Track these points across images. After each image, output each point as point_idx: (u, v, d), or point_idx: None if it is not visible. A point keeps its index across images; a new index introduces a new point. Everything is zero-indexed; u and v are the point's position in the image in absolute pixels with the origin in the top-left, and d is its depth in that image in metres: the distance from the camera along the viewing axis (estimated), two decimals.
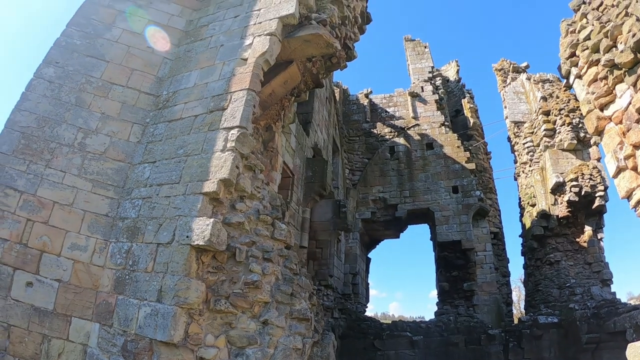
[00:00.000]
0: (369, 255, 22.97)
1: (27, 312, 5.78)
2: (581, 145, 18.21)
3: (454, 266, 18.01)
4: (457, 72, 27.16)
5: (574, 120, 18.39)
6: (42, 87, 7.34)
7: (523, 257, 20.21)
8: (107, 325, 5.59)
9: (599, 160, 17.70)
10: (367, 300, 20.57)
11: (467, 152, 20.40)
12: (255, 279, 5.53)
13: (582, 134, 17.99)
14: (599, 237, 17.53)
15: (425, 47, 25.40)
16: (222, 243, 5.54)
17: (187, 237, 5.49)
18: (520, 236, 20.49)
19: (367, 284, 21.56)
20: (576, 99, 15.83)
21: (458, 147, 20.41)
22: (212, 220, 5.50)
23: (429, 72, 24.04)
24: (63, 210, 6.35)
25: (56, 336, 5.71)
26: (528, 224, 19.33)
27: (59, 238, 6.17)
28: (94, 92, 7.45)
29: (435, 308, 17.84)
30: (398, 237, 22.15)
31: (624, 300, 15.82)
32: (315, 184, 12.57)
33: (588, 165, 17.35)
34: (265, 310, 5.56)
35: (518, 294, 34.67)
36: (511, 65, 23.64)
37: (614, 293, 16.03)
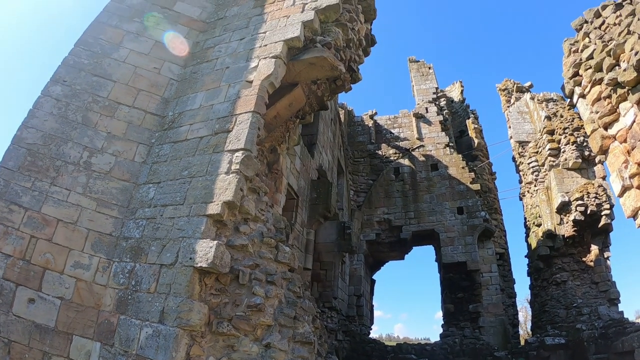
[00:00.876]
0: (374, 277, 22.82)
1: (28, 328, 5.75)
2: (586, 164, 18.18)
3: (459, 288, 17.86)
4: (462, 92, 27.29)
5: (578, 139, 18.38)
6: (49, 104, 7.39)
7: (529, 278, 20.06)
8: (109, 345, 5.55)
9: (604, 178, 17.61)
10: (372, 322, 20.39)
11: (472, 173, 20.38)
12: (258, 302, 5.50)
13: (586, 153, 17.96)
14: (605, 256, 17.39)
15: (429, 68, 25.50)
16: (225, 265, 5.53)
17: (191, 258, 5.48)
18: (526, 256, 20.35)
19: (372, 305, 21.38)
20: (580, 118, 15.85)
21: (463, 167, 20.40)
22: (215, 242, 5.49)
23: (434, 93, 24.12)
24: (67, 228, 6.35)
25: (57, 354, 5.67)
26: (534, 244, 19.23)
27: (62, 256, 6.16)
28: (101, 112, 7.50)
29: (441, 329, 17.67)
30: (403, 258, 22.01)
31: (632, 318, 15.66)
32: (319, 206, 12.58)
33: (593, 184, 17.29)
34: (268, 334, 5.51)
35: (524, 314, 34.37)
36: (515, 85, 23.72)
37: (622, 312, 15.85)
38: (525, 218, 20.93)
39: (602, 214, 16.71)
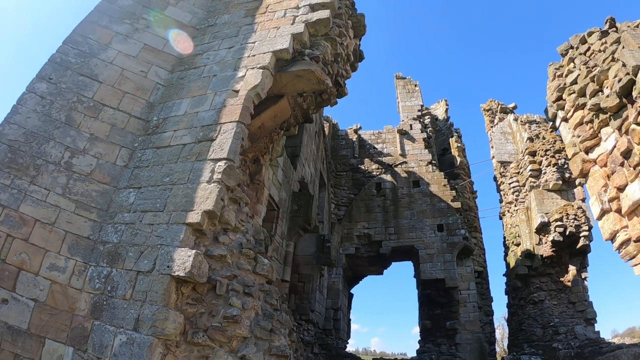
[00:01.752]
0: (352, 291, 22.85)
1: (0, 329, 5.65)
2: (566, 186, 18.54)
3: (437, 304, 17.95)
4: (446, 111, 27.69)
5: (559, 161, 18.75)
6: (33, 101, 7.30)
7: (507, 296, 20.29)
8: (81, 350, 5.47)
9: (583, 200, 17.99)
10: (349, 336, 20.37)
11: (453, 191, 20.59)
12: (234, 313, 5.46)
13: (567, 175, 18.33)
14: (582, 277, 17.73)
15: (415, 86, 25.79)
16: (203, 275, 5.48)
17: (168, 267, 5.42)
18: (504, 275, 20.59)
19: (349, 319, 21.38)
20: (562, 140, 16.14)
21: (444, 185, 20.60)
22: (194, 251, 5.44)
23: (419, 110, 24.41)
24: (44, 228, 6.25)
25: (28, 357, 5.57)
26: (512, 263, 19.45)
27: (38, 257, 6.06)
28: (85, 112, 7.41)
29: (418, 345, 17.73)
30: (382, 273, 22.10)
31: (608, 338, 15.85)
32: (300, 218, 12.55)
33: (573, 206, 17.60)
34: (244, 346, 5.46)
35: (502, 332, 34.57)
36: (499, 106, 24.18)
37: (598, 332, 16.10)
38: (504, 237, 21.19)
39: (581, 235, 17.01)
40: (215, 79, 7.77)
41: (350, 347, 22.92)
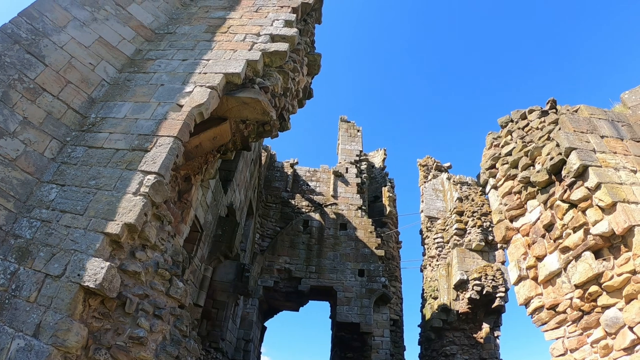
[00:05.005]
0: (266, 324, 22.55)
1: None
2: (488, 247, 19.35)
3: (350, 348, 18.07)
4: (384, 160, 28.40)
5: (484, 224, 19.58)
6: None
7: (420, 347, 20.66)
8: None
9: (503, 263, 18.83)
10: None
11: (379, 239, 20.97)
12: (141, 334, 5.29)
13: (490, 238, 19.15)
14: (495, 335, 18.43)
15: (358, 131, 26.40)
16: (113, 290, 5.27)
17: (79, 275, 5.18)
18: (419, 326, 21.04)
19: (259, 352, 21.11)
20: (489, 205, 16.77)
21: (371, 232, 20.96)
22: (108, 263, 5.24)
23: (357, 155, 24.94)
24: None
25: None
26: (428, 315, 19.90)
27: None
28: (23, 93, 6.96)
29: None
30: (298, 310, 22.01)
31: None
32: (223, 244, 12.36)
33: (492, 267, 18.33)
34: None
35: None
36: (435, 163, 25.22)
37: None
38: (423, 289, 21.78)
39: (497, 295, 17.70)
40: (162, 89, 7.64)
41: None
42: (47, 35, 7.78)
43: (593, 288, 6.03)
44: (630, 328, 5.48)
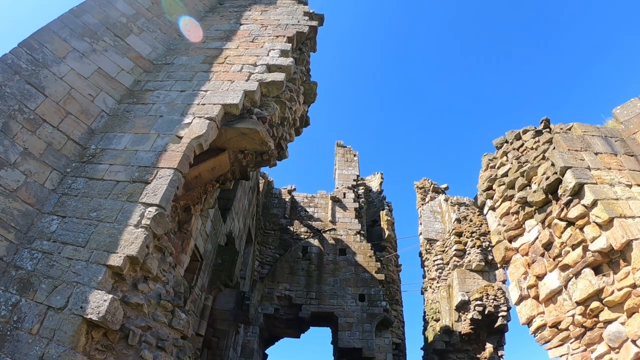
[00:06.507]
0: (267, 351, 22.43)
1: None
2: (488, 267, 19.30)
3: None
4: (381, 184, 28.41)
5: (484, 244, 19.60)
6: None
7: None
8: None
9: (504, 282, 18.77)
10: None
11: (378, 263, 20.92)
12: None
13: (490, 257, 19.14)
14: (499, 354, 18.30)
15: (354, 155, 26.49)
16: (116, 322, 5.28)
17: (82, 307, 5.20)
18: (421, 349, 20.98)
19: None
20: (488, 224, 16.75)
21: (370, 256, 20.89)
22: (111, 296, 5.26)
23: (354, 180, 24.95)
24: None
25: None
26: (430, 338, 19.83)
27: None
28: (23, 124, 7.01)
29: None
30: (299, 337, 21.98)
31: None
32: (223, 273, 12.35)
33: (493, 287, 18.26)
34: None
35: None
36: (432, 185, 25.32)
37: None
38: (424, 312, 21.72)
39: (499, 315, 17.60)
40: (161, 120, 7.72)
41: None
42: (47, 66, 7.85)
43: (594, 304, 6.06)
44: (634, 341, 5.52)
